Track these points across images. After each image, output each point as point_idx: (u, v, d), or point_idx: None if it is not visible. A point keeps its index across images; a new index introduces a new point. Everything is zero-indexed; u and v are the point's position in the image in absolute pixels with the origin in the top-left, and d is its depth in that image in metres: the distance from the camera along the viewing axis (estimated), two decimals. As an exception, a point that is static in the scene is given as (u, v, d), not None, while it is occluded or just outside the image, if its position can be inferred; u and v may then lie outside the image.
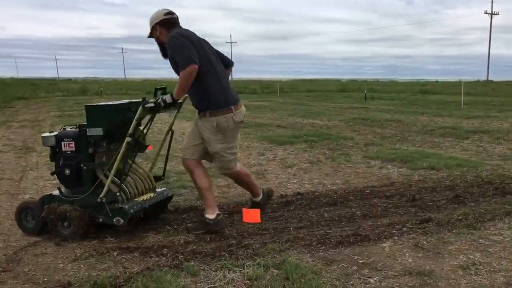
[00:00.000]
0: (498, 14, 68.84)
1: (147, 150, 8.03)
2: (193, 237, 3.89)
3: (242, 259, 3.38)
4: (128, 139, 3.80)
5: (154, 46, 4.37)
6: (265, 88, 42.37)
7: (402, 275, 3.11)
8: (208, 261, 3.38)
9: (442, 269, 3.21)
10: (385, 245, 3.67)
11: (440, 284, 2.99)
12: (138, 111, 3.84)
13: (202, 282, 3.07)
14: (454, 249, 3.56)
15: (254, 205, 4.55)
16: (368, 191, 5.32)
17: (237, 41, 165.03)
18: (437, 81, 73.83)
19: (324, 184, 5.79)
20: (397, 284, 2.97)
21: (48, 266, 3.38)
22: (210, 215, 4.05)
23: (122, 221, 3.82)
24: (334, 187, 5.61)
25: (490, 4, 66.71)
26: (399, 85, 54.18)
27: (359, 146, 8.75)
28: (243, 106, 4.20)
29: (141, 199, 4.10)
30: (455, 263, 3.30)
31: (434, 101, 23.59)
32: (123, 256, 3.52)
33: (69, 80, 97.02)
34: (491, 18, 66.52)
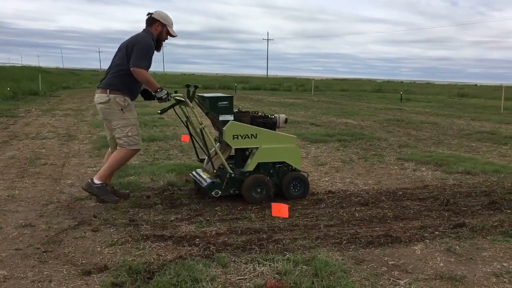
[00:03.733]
0: (545, 17, 66.61)
1: (183, 142, 8.23)
2: (224, 229, 3.96)
3: (272, 254, 3.43)
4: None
5: (193, 41, 4.73)
6: (300, 86, 42.29)
7: (433, 279, 3.10)
8: (238, 253, 3.44)
9: (475, 275, 3.17)
10: (416, 248, 3.66)
11: (471, 289, 2.97)
12: None
13: (232, 273, 3.12)
14: (487, 255, 3.52)
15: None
16: (400, 193, 5.28)
17: (274, 39, 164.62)
18: (476, 85, 72.00)
19: (356, 184, 5.78)
20: None
21: (87, 249, 3.51)
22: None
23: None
24: (366, 187, 5.59)
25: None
26: (436, 87, 53.11)
27: (393, 147, 8.68)
28: (96, 93, 4.74)
29: None
30: (488, 270, 3.26)
31: (472, 104, 23.10)
32: (157, 244, 3.62)
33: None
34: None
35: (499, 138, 10.10)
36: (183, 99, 4.70)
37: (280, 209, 4.32)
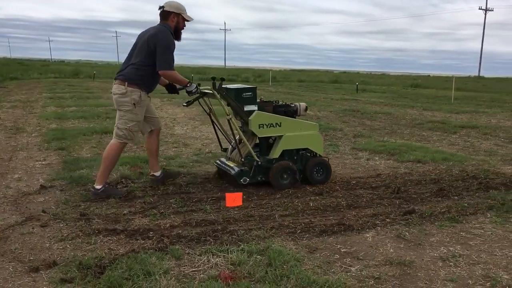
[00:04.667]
0: (493, 10, 69.30)
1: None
2: (179, 221, 3.93)
3: (227, 245, 3.43)
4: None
5: None
6: (258, 77, 42.29)
7: (383, 265, 3.18)
8: (193, 245, 3.42)
9: (422, 259, 3.28)
10: (368, 235, 3.74)
11: (419, 274, 3.06)
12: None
13: (186, 265, 3.11)
14: (435, 241, 3.63)
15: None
16: (354, 182, 5.38)
17: (232, 29, 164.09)
18: (429, 76, 74.13)
19: (311, 174, 5.82)
20: (377, 273, 3.03)
21: (35, 245, 3.40)
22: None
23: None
24: (321, 177, 5.65)
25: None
26: (390, 78, 54.32)
27: (348, 137, 8.82)
28: (114, 84, 4.73)
29: None
30: (435, 254, 3.37)
31: (425, 95, 23.73)
32: (109, 238, 3.55)
33: (62, 62, 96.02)
34: (485, 14, 66.98)
35: (449, 127, 10.44)
36: (210, 92, 4.84)
37: (235, 199, 4.32)
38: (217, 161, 5.52)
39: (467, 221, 4.10)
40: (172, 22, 4.73)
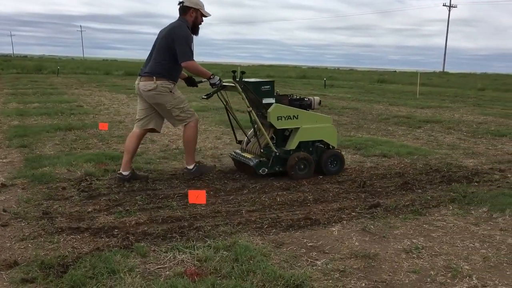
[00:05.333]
0: (456, 7, 70.95)
1: (102, 131, 7.94)
2: (145, 218, 3.88)
3: (193, 241, 3.40)
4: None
5: (115, 25, 4.51)
6: (226, 72, 42.11)
7: (348, 258, 3.22)
8: (159, 242, 3.39)
9: (387, 252, 3.33)
10: (334, 229, 3.78)
11: (383, 266, 3.11)
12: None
13: (151, 263, 3.07)
14: (399, 233, 3.70)
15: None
16: (321, 177, 5.42)
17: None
18: (395, 71, 75.43)
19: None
20: (343, 266, 3.06)
21: (-6, 245, 3.30)
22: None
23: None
24: (289, 172, 5.67)
25: (449, -4, 69.00)
26: (358, 73, 54.98)
27: (316, 132, 8.86)
28: (139, 80, 4.92)
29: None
30: (399, 246, 3.44)
31: (391, 90, 24.12)
32: (73, 236, 3.48)
33: (24, 57, 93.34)
34: (449, 10, 68.54)
35: (414, 122, 10.65)
36: (231, 84, 5.05)
37: (198, 196, 4.28)
38: (233, 153, 5.69)
39: (430, 213, 4.19)
40: (191, 17, 4.94)
